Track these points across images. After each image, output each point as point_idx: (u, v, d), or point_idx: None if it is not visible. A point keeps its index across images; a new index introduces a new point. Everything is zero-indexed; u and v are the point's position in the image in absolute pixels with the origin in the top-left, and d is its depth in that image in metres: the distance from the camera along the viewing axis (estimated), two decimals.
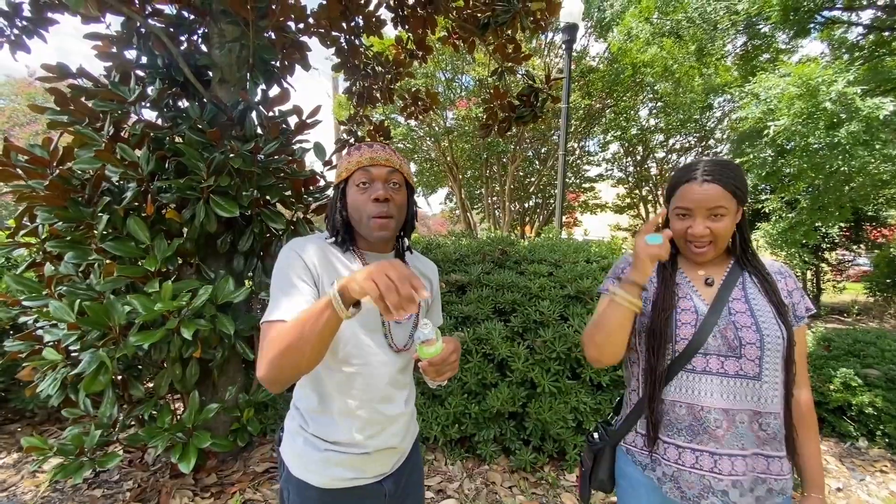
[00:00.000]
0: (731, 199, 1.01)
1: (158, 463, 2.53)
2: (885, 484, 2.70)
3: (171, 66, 2.42)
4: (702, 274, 1.11)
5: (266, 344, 0.86)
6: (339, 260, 1.02)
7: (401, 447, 1.10)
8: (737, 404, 0.98)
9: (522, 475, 2.48)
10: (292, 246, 1.00)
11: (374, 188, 0.99)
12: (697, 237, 1.03)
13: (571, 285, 2.69)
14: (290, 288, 0.93)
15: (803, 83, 3.91)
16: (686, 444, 1.01)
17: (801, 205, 4.85)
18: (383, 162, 1.01)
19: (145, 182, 2.06)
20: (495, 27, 3.01)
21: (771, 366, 0.99)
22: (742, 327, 1.00)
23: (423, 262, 1.22)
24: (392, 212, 1.00)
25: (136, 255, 2.02)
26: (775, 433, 0.99)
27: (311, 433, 1.02)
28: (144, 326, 1.96)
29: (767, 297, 1.03)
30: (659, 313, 1.07)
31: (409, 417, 1.11)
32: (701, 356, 1.01)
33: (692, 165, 1.06)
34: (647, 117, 10.51)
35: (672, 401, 1.03)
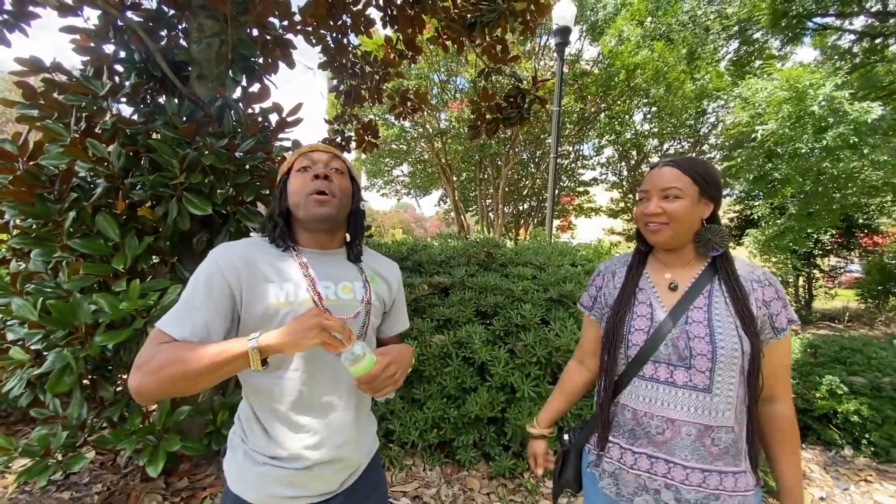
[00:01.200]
0: (689, 183, 1.01)
1: (130, 465, 2.47)
2: (869, 493, 2.68)
3: (148, 60, 2.37)
4: (668, 278, 1.08)
5: (153, 356, 0.80)
6: (271, 264, 0.97)
7: (348, 461, 1.01)
8: (683, 415, 0.97)
9: (501, 481, 2.44)
10: (216, 253, 0.94)
11: (314, 169, 0.99)
12: (650, 215, 1.04)
13: (554, 289, 2.66)
14: (194, 301, 0.88)
15: (791, 87, 3.91)
16: (628, 445, 1.04)
17: (790, 211, 4.85)
18: (323, 149, 1.03)
19: (117, 178, 2.01)
20: (482, 27, 2.98)
21: (724, 379, 0.96)
22: (695, 337, 0.98)
23: (382, 262, 1.17)
24: (333, 190, 0.99)
25: (105, 252, 1.97)
26: (728, 448, 0.96)
27: (249, 447, 0.97)
28: (111, 326, 1.91)
29: (734, 306, 0.99)
30: (613, 316, 1.10)
31: (357, 427, 1.03)
32: (651, 363, 1.02)
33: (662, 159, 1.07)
34: (642, 122, 10.53)
35: (622, 404, 1.06)
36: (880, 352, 3.47)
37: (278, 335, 0.79)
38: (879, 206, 7.53)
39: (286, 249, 1.00)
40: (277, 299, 0.93)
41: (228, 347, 0.79)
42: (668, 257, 1.10)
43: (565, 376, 1.32)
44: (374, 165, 11.79)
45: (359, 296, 1.03)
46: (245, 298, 0.91)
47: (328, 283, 1.00)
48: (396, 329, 1.20)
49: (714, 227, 1.05)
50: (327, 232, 1.03)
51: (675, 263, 1.09)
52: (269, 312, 0.92)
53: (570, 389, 1.30)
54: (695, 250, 1.07)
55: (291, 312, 0.92)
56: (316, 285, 0.97)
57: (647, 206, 1.05)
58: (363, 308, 1.03)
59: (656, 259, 1.14)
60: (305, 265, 0.99)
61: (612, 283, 1.18)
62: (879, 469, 2.97)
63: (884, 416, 3.06)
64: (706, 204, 1.04)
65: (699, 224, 1.05)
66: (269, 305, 0.92)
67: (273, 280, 0.94)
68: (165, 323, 0.85)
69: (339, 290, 1.01)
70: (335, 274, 1.02)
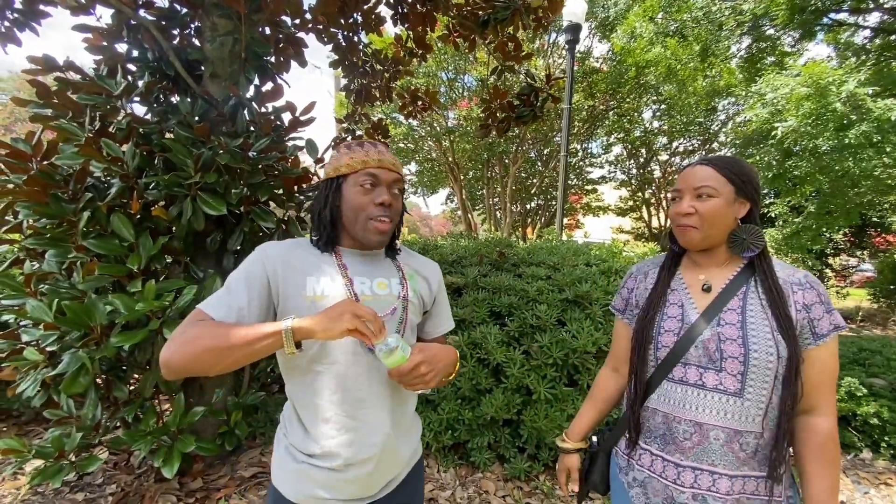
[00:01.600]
0: (723, 182, 0.98)
1: (144, 466, 2.47)
2: (889, 497, 2.62)
3: (161, 59, 2.36)
4: (701, 279, 1.04)
5: (188, 331, 0.84)
6: (311, 260, 0.99)
7: (383, 464, 0.99)
8: (712, 419, 0.94)
9: (517, 484, 2.41)
10: (262, 247, 0.99)
11: (379, 192, 0.98)
12: (681, 214, 1.01)
13: (570, 289, 2.63)
14: (234, 287, 0.92)
15: (813, 83, 3.83)
16: (658, 451, 1.01)
17: (808, 209, 4.76)
18: (391, 167, 1.01)
19: (131, 178, 2.00)
20: (495, 24, 2.95)
21: (757, 384, 0.92)
22: (727, 340, 0.95)
23: (420, 261, 1.17)
24: (393, 216, 1.00)
25: (119, 252, 1.96)
26: (753, 452, 0.93)
27: (289, 442, 1.00)
28: (127, 327, 1.90)
29: (771, 308, 0.94)
30: (642, 316, 1.07)
31: (394, 429, 1.01)
32: (681, 366, 0.99)
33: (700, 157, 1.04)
34: (651, 119, 10.44)
35: (653, 409, 1.03)
36: None
37: (312, 319, 0.81)
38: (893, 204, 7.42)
39: (326, 251, 1.02)
40: (314, 292, 0.95)
41: (263, 326, 0.82)
42: (702, 258, 1.07)
43: (598, 385, 1.27)
44: None
45: (395, 291, 1.04)
46: (282, 289, 0.94)
47: (364, 279, 1.01)
48: (441, 329, 1.19)
49: (749, 226, 1.00)
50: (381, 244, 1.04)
51: (710, 264, 1.05)
52: (305, 304, 0.94)
53: (603, 398, 1.25)
54: (729, 251, 1.03)
55: (328, 305, 0.92)
56: (352, 281, 0.99)
57: (679, 206, 1.02)
58: (400, 304, 1.03)
59: (690, 260, 1.10)
60: (344, 265, 1.01)
61: (643, 284, 1.15)
62: None
63: None
64: (742, 203, 1.00)
65: (734, 224, 1.01)
66: (307, 297, 0.95)
67: (311, 274, 0.97)
68: (205, 303, 0.90)
69: (375, 285, 1.02)
70: (372, 270, 1.04)
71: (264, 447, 2.69)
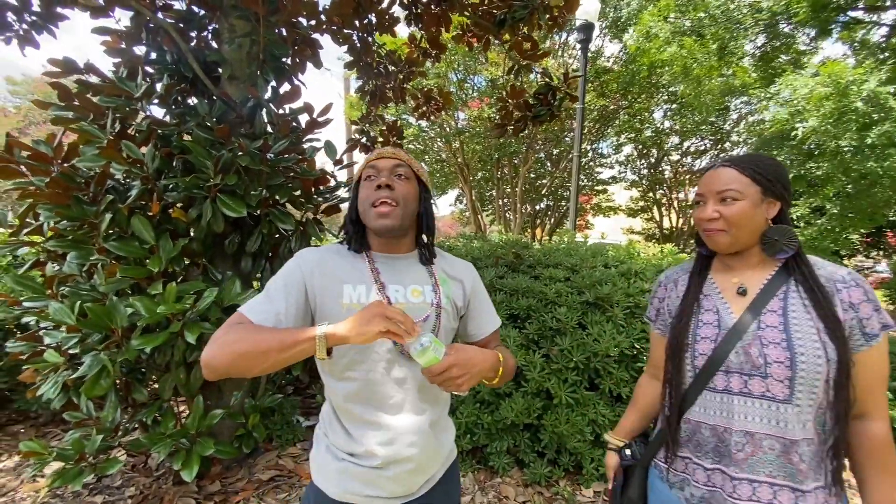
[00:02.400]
0: (747, 183, 0.94)
1: (162, 468, 2.46)
2: None
3: (180, 61, 2.36)
4: (735, 282, 1.00)
5: (228, 334, 0.86)
6: (347, 266, 1.02)
7: (422, 464, 1.01)
8: (764, 428, 0.89)
9: (537, 489, 2.38)
10: (300, 252, 1.02)
11: (378, 177, 1.00)
12: (705, 220, 0.98)
13: (590, 291, 2.58)
14: (273, 292, 0.94)
15: (833, 83, 3.75)
16: (713, 465, 0.95)
17: (831, 211, 4.67)
18: (388, 155, 1.03)
19: (151, 180, 1.99)
20: (512, 23, 2.91)
21: (806, 389, 0.86)
22: (769, 343, 0.90)
23: (455, 263, 1.16)
24: (396, 198, 0.99)
25: (140, 255, 1.95)
26: (813, 461, 0.88)
27: (330, 441, 1.02)
28: (147, 329, 1.89)
29: (816, 310, 0.89)
30: (675, 324, 1.04)
31: (430, 430, 1.02)
32: (722, 374, 0.94)
33: (721, 158, 1.01)
34: (662, 119, 10.34)
35: (697, 421, 0.98)
36: None
37: (344, 325, 0.82)
38: None
39: (360, 253, 1.04)
40: (350, 300, 0.97)
41: (298, 332, 0.83)
42: (734, 260, 1.02)
43: (639, 392, 1.25)
44: None
45: (428, 299, 1.04)
46: (319, 296, 0.96)
47: (398, 286, 1.02)
48: (486, 329, 1.16)
49: (781, 227, 0.96)
50: (394, 238, 1.04)
51: (743, 267, 1.01)
52: (342, 312, 0.95)
53: (645, 404, 1.22)
54: (762, 252, 0.99)
55: None
56: (385, 289, 1.00)
57: (703, 211, 0.98)
58: (433, 311, 1.02)
59: (722, 263, 1.05)
60: (377, 270, 1.02)
61: (674, 291, 1.11)
62: None
63: None
64: (771, 203, 0.96)
65: (765, 224, 0.96)
66: (343, 305, 0.96)
67: (348, 281, 0.99)
68: (246, 307, 0.92)
69: (409, 293, 1.02)
70: (405, 277, 1.04)
71: (281, 450, 2.68)
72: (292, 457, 2.61)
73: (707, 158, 11.18)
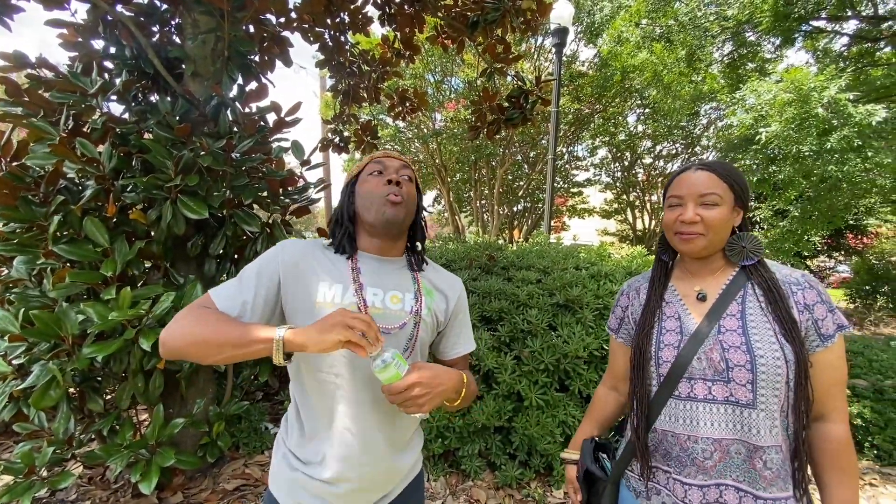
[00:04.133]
0: (726, 189, 0.95)
1: (121, 480, 2.36)
2: (874, 498, 2.66)
3: (140, 57, 2.27)
4: (697, 289, 1.00)
5: (189, 315, 0.84)
6: (327, 263, 0.97)
7: (376, 485, 0.97)
8: (729, 433, 0.89)
9: (508, 492, 2.37)
10: (281, 243, 0.99)
11: (387, 173, 1.00)
12: (687, 222, 0.95)
13: (560, 293, 2.60)
14: (245, 279, 0.92)
15: (795, 89, 3.90)
16: (677, 475, 0.94)
17: (792, 214, 4.87)
18: (396, 156, 1.04)
19: (107, 180, 1.91)
20: (484, 26, 2.92)
21: (767, 391, 0.87)
22: (730, 347, 0.90)
23: (443, 275, 1.12)
24: (404, 196, 0.98)
25: (93, 258, 1.86)
26: (779, 471, 0.87)
27: (288, 448, 0.99)
28: (101, 336, 1.81)
29: (773, 312, 0.90)
30: (638, 333, 1.03)
31: (388, 450, 0.97)
32: (686, 381, 0.94)
33: (692, 162, 1.00)
34: (635, 123, 10.55)
35: (663, 430, 0.97)
36: (881, 354, 3.47)
37: (304, 332, 0.79)
38: (867, 207, 7.64)
39: (345, 253, 1.00)
40: (325, 298, 0.93)
41: (258, 331, 0.80)
42: (696, 266, 1.03)
43: (596, 404, 1.22)
44: None
45: (408, 307, 0.99)
46: (292, 290, 0.93)
47: (377, 290, 0.98)
48: (458, 350, 1.12)
49: (748, 235, 0.98)
50: (392, 237, 1.02)
51: (704, 272, 1.02)
52: (314, 310, 0.92)
53: (603, 417, 1.20)
54: (724, 258, 1.00)
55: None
56: (363, 291, 0.96)
57: (683, 213, 0.96)
58: (411, 320, 0.98)
59: (682, 269, 1.06)
60: (358, 270, 0.98)
61: (637, 300, 1.11)
62: (883, 472, 2.96)
63: (887, 420, 3.05)
64: (738, 211, 0.98)
65: (730, 232, 0.98)
66: (316, 303, 0.92)
67: (325, 279, 0.95)
68: (215, 290, 0.90)
69: (388, 298, 0.98)
70: (387, 282, 1.00)
71: (248, 458, 2.61)
72: (260, 465, 2.54)
73: (679, 162, 11.47)
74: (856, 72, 5.70)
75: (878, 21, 5.53)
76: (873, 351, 3.52)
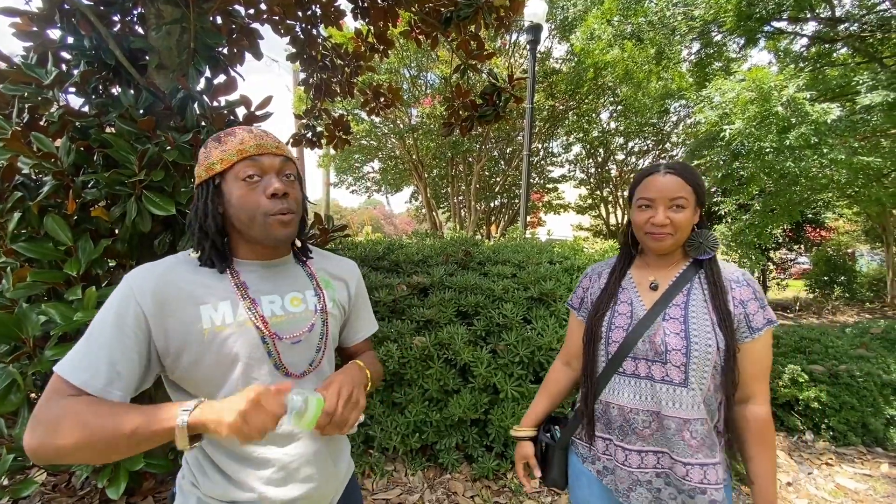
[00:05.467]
0: (691, 192, 1.03)
1: (87, 486, 2.29)
2: (830, 477, 2.81)
3: (100, 48, 2.18)
4: (651, 279, 1.11)
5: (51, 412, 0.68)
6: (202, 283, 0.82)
7: (322, 495, 0.92)
8: (664, 409, 1.01)
9: (485, 483, 2.41)
10: (131, 277, 0.79)
11: (266, 181, 0.82)
12: (658, 225, 1.04)
13: (535, 287, 2.65)
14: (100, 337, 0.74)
15: (757, 87, 4.06)
16: (619, 442, 1.06)
17: (754, 207, 5.09)
18: (274, 150, 0.84)
19: (66, 176, 1.83)
20: (458, 22, 2.92)
21: (698, 374, 0.98)
22: (670, 334, 1.01)
23: (335, 261, 1.06)
24: (293, 207, 0.85)
25: (55, 257, 1.79)
26: (703, 439, 0.99)
27: (203, 493, 0.84)
28: (64, 338, 1.74)
29: (713, 303, 1.02)
30: (593, 314, 1.14)
31: (329, 457, 0.93)
32: (631, 360, 1.05)
33: (656, 163, 1.09)
34: (608, 120, 10.76)
35: (607, 402, 1.08)
36: (836, 341, 3.67)
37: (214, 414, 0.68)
38: (825, 202, 8.03)
39: (220, 269, 0.85)
40: (213, 322, 0.80)
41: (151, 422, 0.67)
42: (656, 260, 1.13)
43: (550, 377, 1.32)
44: (343, 162, 11.55)
45: (311, 305, 0.92)
46: (169, 328, 0.78)
47: (274, 297, 0.88)
48: (363, 333, 1.09)
49: (705, 232, 1.08)
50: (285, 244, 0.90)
51: (661, 265, 1.12)
52: (204, 339, 0.79)
53: (556, 390, 1.30)
54: (681, 252, 1.11)
55: (232, 335, 0.81)
56: (257, 305, 0.85)
57: (654, 216, 1.04)
58: (318, 318, 0.92)
59: (643, 261, 1.17)
60: (244, 284, 0.85)
61: (597, 283, 1.21)
62: (838, 452, 3.13)
63: (841, 402, 3.23)
64: (697, 210, 1.08)
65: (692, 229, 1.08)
66: (204, 332, 0.79)
67: (206, 301, 0.81)
68: (65, 368, 0.71)
69: (287, 303, 0.89)
70: (281, 285, 0.91)
71: None
72: None
73: (650, 158, 11.77)
74: (813, 72, 5.96)
75: (836, 23, 5.79)
76: (829, 338, 3.71)
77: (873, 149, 4.93)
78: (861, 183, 5.17)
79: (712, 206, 6.65)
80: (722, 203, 6.01)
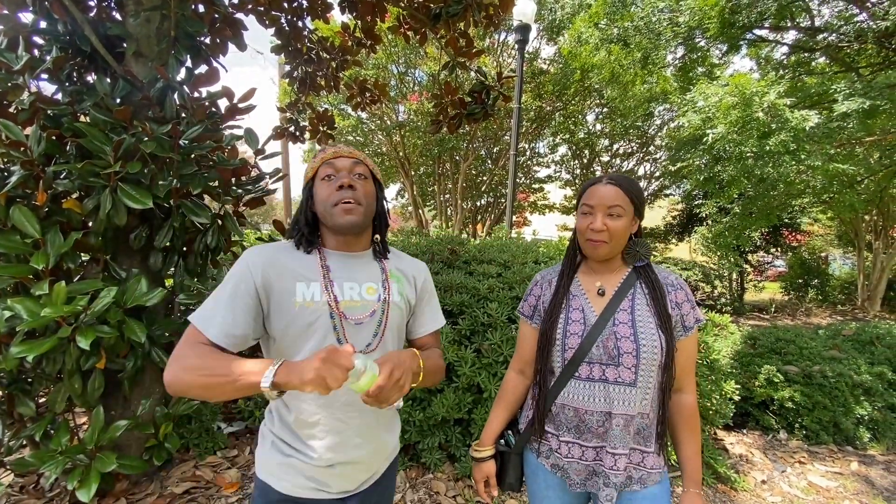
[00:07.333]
0: (628, 203, 1.11)
1: (56, 488, 2.21)
2: (803, 474, 2.89)
3: (75, 33, 2.10)
4: (598, 285, 1.18)
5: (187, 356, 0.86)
6: (299, 264, 1.01)
7: (368, 463, 1.06)
8: (615, 408, 1.07)
9: (467, 483, 2.41)
10: (246, 254, 0.99)
11: (338, 178, 1.01)
12: (596, 231, 1.11)
13: (520, 287, 2.65)
14: (224, 304, 0.92)
15: (739, 93, 4.14)
16: (574, 440, 1.12)
17: (734, 210, 5.20)
18: (346, 154, 1.04)
19: (36, 166, 1.76)
20: (447, 18, 2.90)
21: (646, 373, 1.07)
22: (622, 337, 1.08)
23: (406, 260, 1.19)
24: (359, 198, 1.01)
25: (22, 251, 1.72)
26: (640, 430, 1.10)
27: (276, 436, 1.03)
28: (31, 334, 1.68)
29: (655, 306, 1.11)
30: (546, 320, 1.18)
31: (378, 430, 1.07)
32: (586, 364, 1.11)
33: (601, 175, 1.18)
34: (594, 122, 10.86)
35: (562, 404, 1.14)
36: (810, 342, 3.76)
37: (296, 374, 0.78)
38: (801, 206, 8.26)
39: (311, 252, 1.03)
40: (304, 298, 0.97)
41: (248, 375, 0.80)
42: (599, 266, 1.20)
43: (507, 387, 1.30)
44: None
45: (379, 295, 1.06)
46: (273, 296, 0.96)
47: (353, 283, 1.04)
48: (429, 327, 1.19)
49: (641, 241, 1.18)
50: (354, 236, 1.05)
51: (604, 271, 1.19)
52: (295, 310, 0.96)
53: (514, 400, 1.29)
54: (621, 259, 1.19)
55: (314, 312, 0.97)
56: (333, 288, 1.00)
57: (593, 222, 1.11)
58: (380, 307, 1.05)
59: (588, 267, 1.23)
60: (327, 267, 1.02)
61: (548, 290, 1.25)
62: (810, 451, 3.22)
63: (814, 402, 3.32)
64: (635, 221, 1.15)
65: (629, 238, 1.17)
66: (296, 303, 0.97)
67: (301, 279, 0.98)
68: (198, 319, 0.91)
69: (364, 290, 1.04)
70: (359, 275, 1.06)
71: (199, 459, 2.50)
72: (211, 466, 2.45)
73: (635, 160, 11.92)
74: (793, 79, 6.10)
75: (815, 33, 5.94)
76: (803, 339, 3.80)
77: (848, 156, 5.08)
78: (836, 189, 5.33)
79: (694, 208, 6.76)
80: (703, 206, 6.11)
